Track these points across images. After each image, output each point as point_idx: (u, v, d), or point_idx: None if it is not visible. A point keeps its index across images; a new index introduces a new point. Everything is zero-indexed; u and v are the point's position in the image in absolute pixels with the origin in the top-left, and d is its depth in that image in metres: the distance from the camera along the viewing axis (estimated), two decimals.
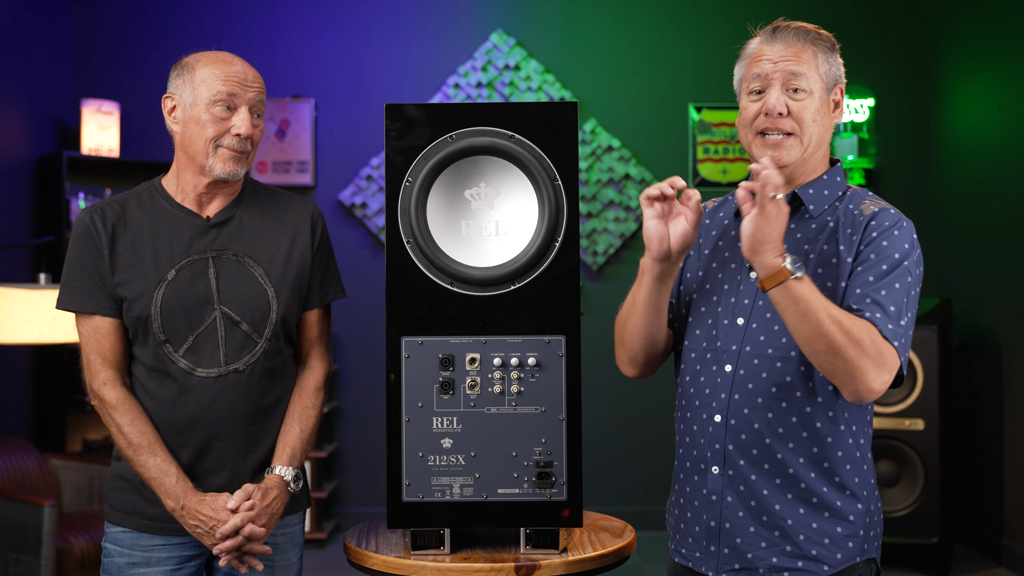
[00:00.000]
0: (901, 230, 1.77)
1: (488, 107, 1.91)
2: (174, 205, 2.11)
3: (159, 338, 2.05)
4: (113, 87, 5.42)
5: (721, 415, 1.82)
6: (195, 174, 2.09)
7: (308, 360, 2.20)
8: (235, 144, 2.05)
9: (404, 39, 5.55)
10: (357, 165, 5.53)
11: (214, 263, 2.08)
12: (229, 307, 2.07)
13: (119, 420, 2.03)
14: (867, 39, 5.55)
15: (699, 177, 5.52)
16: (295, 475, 2.09)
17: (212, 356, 2.06)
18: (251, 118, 2.06)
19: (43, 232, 4.94)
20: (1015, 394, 4.70)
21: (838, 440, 1.80)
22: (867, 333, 1.67)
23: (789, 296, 1.67)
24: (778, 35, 1.84)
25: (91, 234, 2.06)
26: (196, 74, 2.05)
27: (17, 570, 3.56)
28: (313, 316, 2.19)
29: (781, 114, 1.80)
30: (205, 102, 2.04)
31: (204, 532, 2.00)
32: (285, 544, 2.16)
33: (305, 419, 2.14)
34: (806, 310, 1.66)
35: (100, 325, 2.06)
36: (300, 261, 2.14)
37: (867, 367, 1.66)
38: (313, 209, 2.19)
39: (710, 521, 1.84)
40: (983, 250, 5.03)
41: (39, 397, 4.95)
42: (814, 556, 1.78)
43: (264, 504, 2.02)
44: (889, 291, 1.72)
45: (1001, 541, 4.76)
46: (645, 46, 5.59)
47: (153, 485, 2.02)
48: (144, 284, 2.05)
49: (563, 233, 1.90)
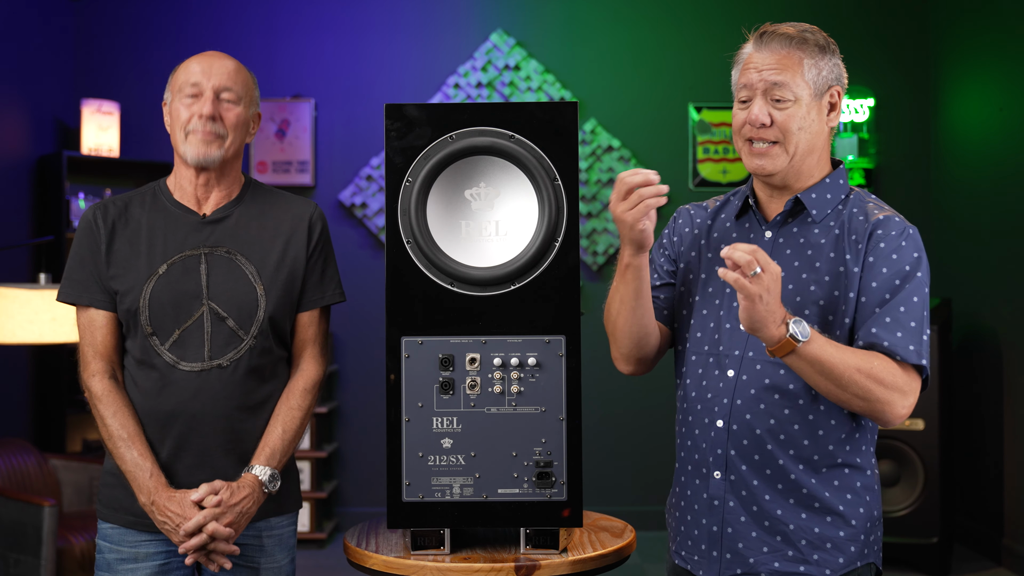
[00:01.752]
0: (908, 239, 1.76)
1: (488, 107, 1.91)
2: (173, 203, 2.15)
3: (146, 330, 2.07)
4: (113, 87, 5.42)
5: (723, 420, 1.81)
6: (185, 169, 2.15)
7: (300, 362, 2.20)
8: (199, 126, 2.09)
9: (404, 39, 5.55)
10: (357, 165, 5.53)
11: (206, 259, 2.10)
12: (217, 303, 2.08)
13: (103, 412, 2.06)
14: (867, 39, 5.55)
15: (699, 177, 5.52)
16: (271, 475, 2.07)
17: (197, 350, 2.07)
18: (215, 101, 2.10)
19: (43, 232, 4.94)
20: (1015, 394, 4.69)
21: (839, 446, 1.79)
22: (887, 370, 1.69)
23: (802, 361, 1.67)
24: (764, 41, 1.82)
25: (91, 229, 2.12)
26: (176, 75, 2.16)
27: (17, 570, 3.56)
28: (307, 318, 2.19)
29: (764, 124, 1.79)
30: (177, 95, 2.13)
31: (171, 529, 2.00)
32: (272, 546, 2.14)
33: (289, 420, 2.12)
34: (822, 370, 1.67)
35: (94, 317, 2.11)
36: (293, 261, 2.14)
37: (893, 400, 1.69)
38: (313, 211, 2.19)
39: (712, 526, 1.83)
40: (983, 250, 5.02)
41: (39, 397, 4.95)
42: (816, 561, 1.78)
43: (232, 502, 2.00)
44: (907, 307, 1.72)
45: (1001, 541, 4.76)
46: (645, 46, 5.59)
47: (129, 479, 2.03)
48: (136, 277, 2.08)
49: (563, 233, 1.90)
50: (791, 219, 1.85)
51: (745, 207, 1.92)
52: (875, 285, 1.74)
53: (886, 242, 1.75)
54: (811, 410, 1.78)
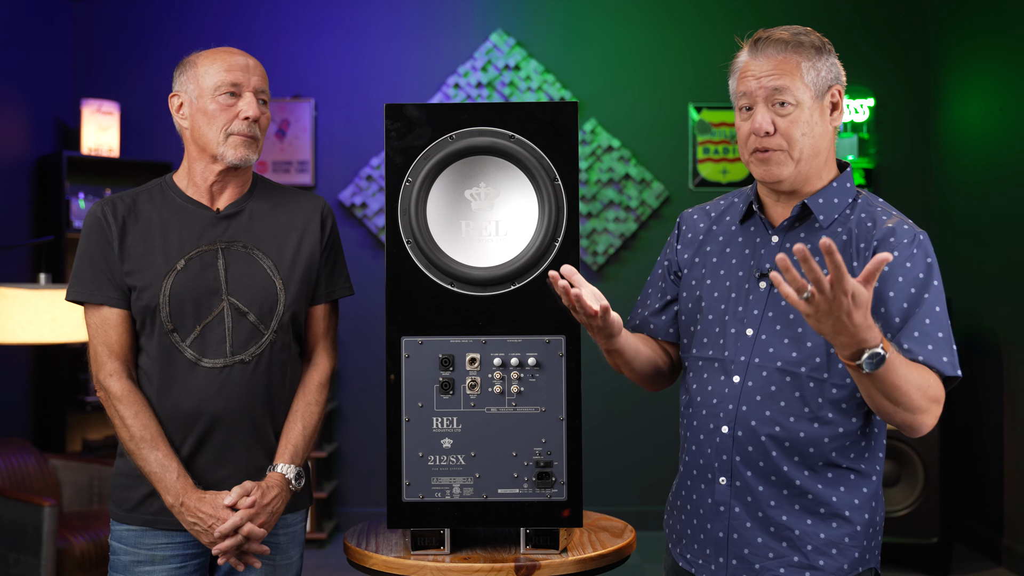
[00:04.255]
0: (919, 246, 1.75)
1: (488, 107, 1.92)
2: (185, 198, 2.13)
3: (167, 327, 2.05)
4: (113, 87, 5.42)
5: (728, 426, 1.81)
6: (207, 165, 2.11)
7: (313, 356, 2.20)
8: (244, 129, 2.08)
9: (404, 39, 5.55)
10: (357, 165, 5.53)
11: (223, 254, 2.09)
12: (237, 298, 2.08)
13: (123, 412, 2.03)
14: (867, 39, 5.55)
15: (699, 177, 5.52)
16: (297, 473, 2.09)
17: (219, 347, 2.06)
18: (257, 103, 2.10)
19: (43, 232, 4.94)
20: (1015, 394, 4.70)
21: (845, 453, 1.79)
22: (936, 386, 1.67)
23: (871, 382, 1.60)
24: (759, 47, 1.80)
25: (101, 226, 2.08)
26: (199, 68, 2.10)
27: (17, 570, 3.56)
28: (320, 311, 2.20)
29: (768, 133, 1.78)
30: (211, 92, 2.08)
31: (202, 530, 2.00)
32: (287, 543, 2.15)
33: (308, 416, 2.13)
34: (888, 392, 1.61)
35: (108, 316, 2.07)
36: (309, 255, 2.15)
37: (934, 412, 1.67)
38: (323, 205, 2.21)
39: (718, 532, 1.83)
40: (983, 250, 5.03)
41: (39, 397, 4.95)
42: (821, 567, 1.77)
43: (264, 503, 2.02)
44: (932, 318, 1.71)
45: (1001, 541, 4.76)
46: (645, 46, 5.59)
47: (153, 480, 2.02)
48: (154, 273, 2.06)
49: (563, 233, 1.90)
50: (798, 224, 1.84)
51: (750, 211, 1.91)
52: (892, 295, 1.72)
53: (899, 251, 1.73)
54: (817, 418, 1.77)
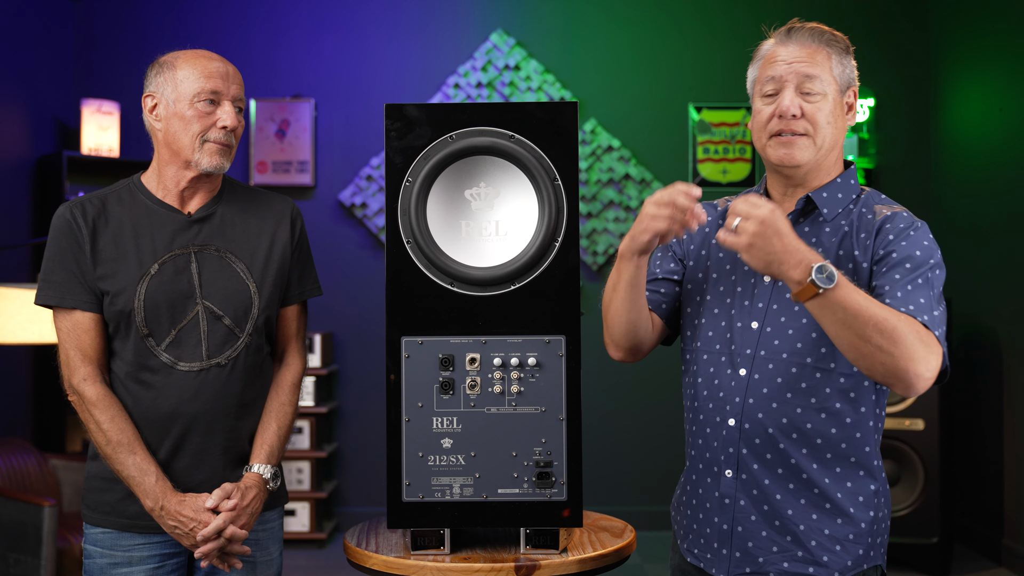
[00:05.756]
0: (917, 230, 1.76)
1: (488, 107, 1.91)
2: (155, 201, 2.11)
3: (142, 331, 2.05)
4: (113, 87, 5.42)
5: (735, 419, 1.81)
6: (179, 169, 2.10)
7: (285, 356, 2.22)
8: (221, 137, 2.07)
9: (404, 39, 5.55)
10: (357, 165, 5.53)
11: (196, 258, 2.09)
12: (211, 301, 2.08)
13: (99, 417, 2.03)
14: (867, 39, 5.54)
15: (699, 177, 5.52)
16: (273, 473, 2.11)
17: (194, 350, 2.07)
18: (235, 112, 2.09)
19: (43, 232, 4.94)
20: (1015, 394, 4.70)
21: (852, 445, 1.79)
22: (912, 326, 1.63)
23: (825, 308, 1.61)
24: (792, 36, 1.82)
25: (71, 228, 2.05)
26: (177, 72, 2.07)
27: (17, 570, 3.56)
28: (291, 312, 2.21)
29: (795, 116, 1.78)
30: (189, 98, 2.06)
31: (183, 534, 2.00)
32: (266, 540, 2.17)
33: (282, 416, 2.15)
34: (845, 318, 1.60)
35: (80, 320, 2.05)
36: (281, 257, 2.16)
37: (917, 356, 1.61)
38: (292, 206, 2.22)
39: (722, 524, 1.84)
40: (983, 250, 5.03)
41: (39, 397, 4.95)
42: (824, 563, 1.78)
43: (244, 504, 2.03)
44: (915, 287, 1.70)
45: (1001, 541, 4.76)
46: (645, 46, 5.59)
47: (131, 484, 2.02)
48: (127, 278, 2.05)
49: (563, 233, 1.90)
50: (803, 218, 1.85)
51: None
52: (885, 269, 1.73)
53: (894, 233, 1.75)
54: (824, 408, 1.77)
